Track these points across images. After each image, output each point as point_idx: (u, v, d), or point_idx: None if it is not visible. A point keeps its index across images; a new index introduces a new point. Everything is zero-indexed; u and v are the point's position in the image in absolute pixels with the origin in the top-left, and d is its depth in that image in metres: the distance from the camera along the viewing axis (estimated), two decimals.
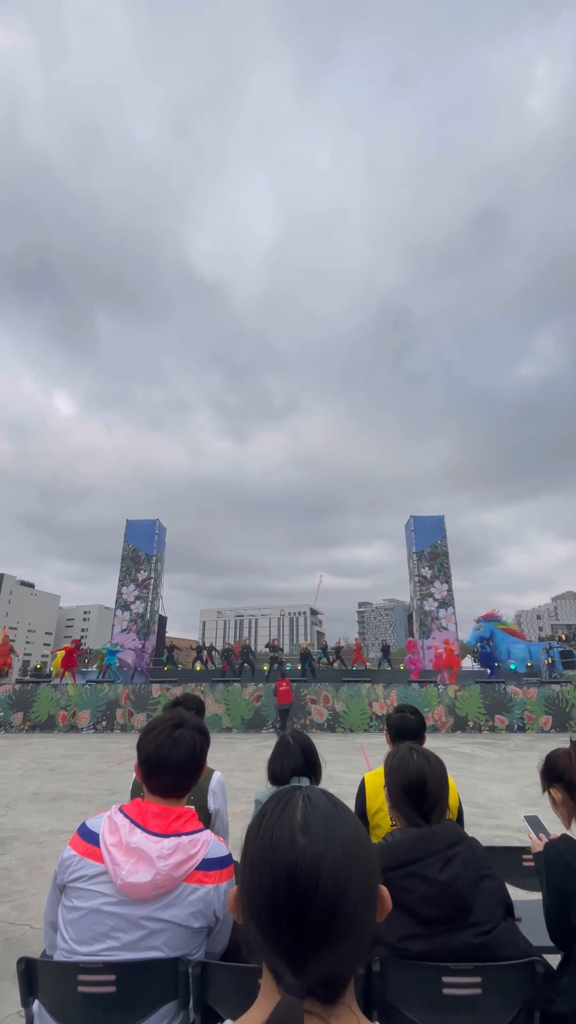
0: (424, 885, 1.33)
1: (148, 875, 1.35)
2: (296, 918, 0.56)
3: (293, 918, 0.56)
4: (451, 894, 1.32)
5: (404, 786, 1.57)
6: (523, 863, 2.33)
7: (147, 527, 25.86)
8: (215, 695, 15.19)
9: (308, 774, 2.20)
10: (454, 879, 1.33)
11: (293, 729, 2.38)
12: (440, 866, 1.35)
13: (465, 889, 1.33)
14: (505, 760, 9.90)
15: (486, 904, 1.33)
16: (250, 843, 0.64)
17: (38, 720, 15.01)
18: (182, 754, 1.59)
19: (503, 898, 1.38)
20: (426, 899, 1.31)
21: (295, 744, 2.24)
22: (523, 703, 14.48)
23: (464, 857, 1.38)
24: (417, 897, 1.31)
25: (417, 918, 1.32)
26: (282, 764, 2.18)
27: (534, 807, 6.31)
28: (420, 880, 1.34)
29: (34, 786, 7.71)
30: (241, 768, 8.80)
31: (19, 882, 4.20)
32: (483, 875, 1.38)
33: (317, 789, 0.68)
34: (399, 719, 2.51)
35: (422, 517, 25.21)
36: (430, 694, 14.77)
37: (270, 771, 2.22)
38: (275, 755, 2.24)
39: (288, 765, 2.17)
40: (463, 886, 1.33)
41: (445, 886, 1.32)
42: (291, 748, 2.22)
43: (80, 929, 1.36)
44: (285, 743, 2.26)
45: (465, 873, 1.34)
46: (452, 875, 1.34)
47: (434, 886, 1.32)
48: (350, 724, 14.66)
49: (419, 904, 1.31)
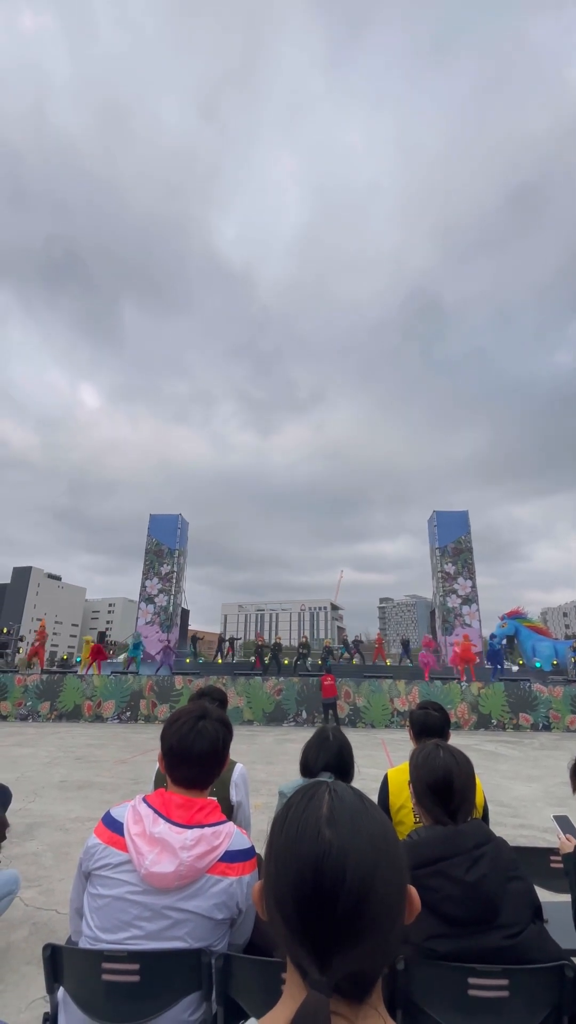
0: (450, 885, 1.30)
1: (171, 865, 1.35)
2: (322, 911, 0.55)
3: (319, 911, 0.55)
4: (478, 895, 1.29)
5: (430, 783, 1.54)
6: (551, 864, 2.28)
7: (170, 521, 26.12)
8: (236, 688, 15.29)
9: (339, 772, 2.17)
10: (481, 880, 1.30)
11: (335, 726, 2.36)
12: (467, 866, 1.32)
13: (492, 890, 1.29)
14: (530, 759, 9.74)
15: (514, 906, 1.30)
16: (275, 836, 0.63)
17: (64, 710, 15.33)
18: (205, 746, 1.59)
19: (532, 900, 1.35)
20: (452, 899, 1.29)
21: (334, 741, 2.21)
22: (548, 701, 14.23)
23: (491, 858, 1.35)
24: (443, 897, 1.29)
25: (443, 918, 1.29)
26: (316, 756, 2.16)
27: (561, 807, 6.19)
28: (446, 880, 1.31)
29: (61, 774, 7.88)
30: (263, 761, 8.85)
31: (46, 867, 4.29)
32: (511, 876, 1.34)
33: (343, 784, 0.67)
34: (422, 715, 2.47)
35: (445, 512, 24.89)
36: (453, 691, 14.62)
37: (303, 759, 2.20)
38: (312, 745, 2.21)
39: (322, 758, 2.15)
40: (490, 887, 1.30)
41: (472, 887, 1.29)
42: (329, 743, 2.20)
43: (105, 916, 1.38)
44: (324, 736, 2.23)
45: (492, 874, 1.31)
46: (479, 876, 1.31)
47: (460, 886, 1.30)
48: (371, 720, 14.62)
49: (445, 904, 1.29)
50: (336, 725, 2.36)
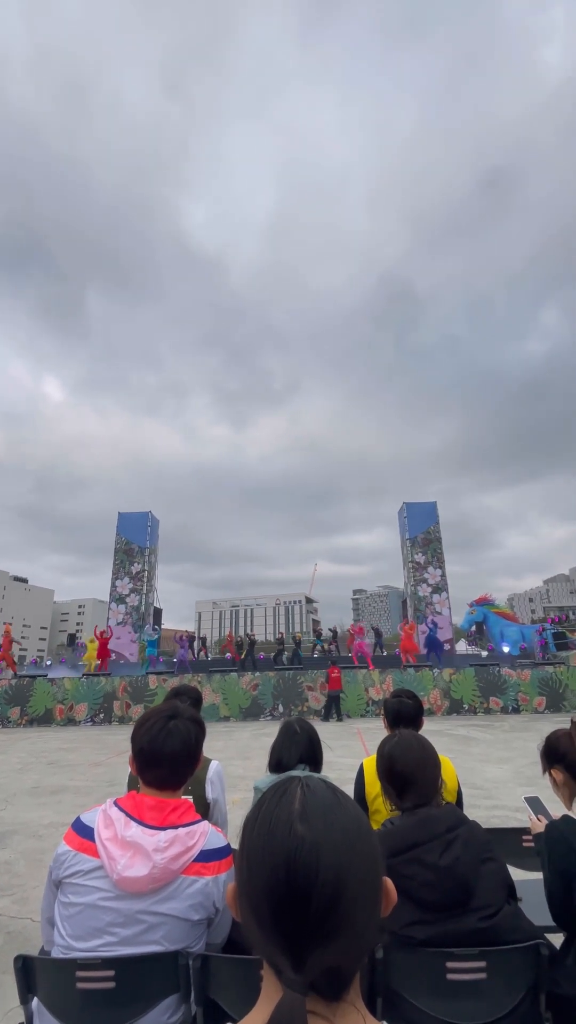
0: (425, 871, 1.31)
1: (145, 869, 1.32)
2: (296, 908, 0.53)
3: (293, 908, 0.53)
4: (452, 878, 1.30)
5: (379, 770, 1.67)
6: (523, 844, 2.33)
7: (139, 519, 25.74)
8: (212, 685, 15.22)
9: (312, 762, 2.17)
10: (455, 863, 1.32)
11: (298, 717, 2.35)
12: (440, 851, 1.34)
13: (466, 873, 1.31)
14: (500, 741, 10.00)
15: (488, 887, 1.32)
16: (247, 833, 0.61)
17: (35, 714, 14.98)
18: (176, 745, 1.55)
19: (505, 880, 1.38)
20: (427, 885, 1.30)
21: (302, 733, 2.20)
22: (517, 685, 14.62)
23: (464, 840, 1.37)
24: (418, 884, 1.30)
25: (419, 904, 1.30)
26: (289, 752, 2.15)
27: (530, 787, 6.37)
28: (420, 866, 1.32)
29: (33, 780, 7.70)
30: (240, 756, 8.83)
31: (19, 875, 4.19)
32: (485, 858, 1.37)
33: (316, 777, 0.65)
34: (396, 704, 2.49)
35: (415, 503, 25.26)
36: (425, 678, 14.87)
37: (276, 758, 2.18)
38: (282, 742, 2.20)
39: (295, 753, 2.14)
40: (464, 870, 1.32)
41: (446, 871, 1.31)
42: (298, 737, 2.19)
43: (77, 925, 1.34)
44: (292, 731, 2.22)
45: (465, 856, 1.33)
46: (453, 859, 1.33)
47: (435, 871, 1.31)
48: (347, 709, 14.75)
49: (421, 890, 1.30)
50: (299, 718, 2.35)
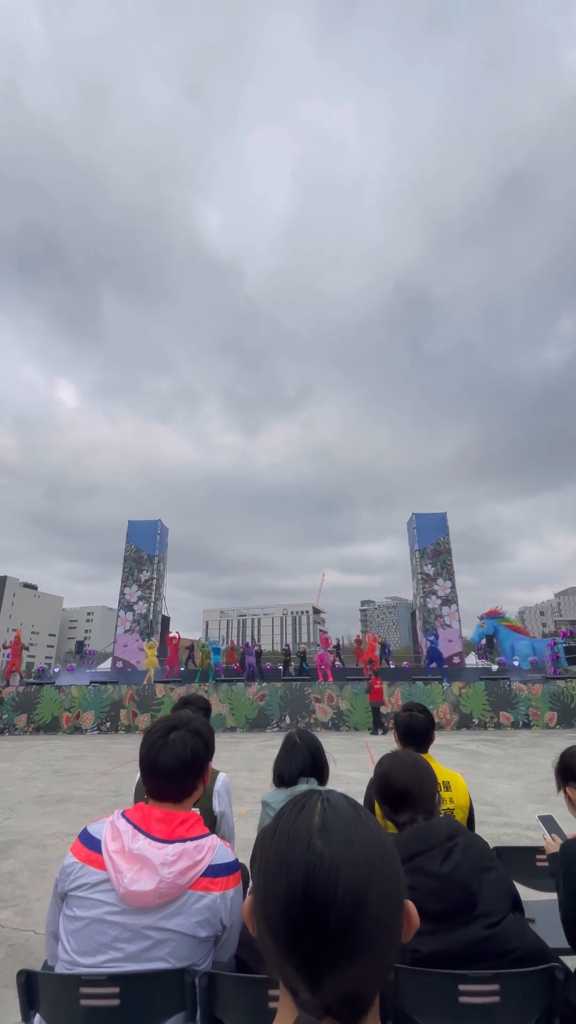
0: (427, 879, 1.32)
1: (152, 883, 1.30)
2: (313, 926, 0.51)
3: (310, 926, 0.51)
4: (454, 884, 1.31)
5: (377, 789, 1.69)
6: (536, 863, 2.28)
7: (149, 527, 25.82)
8: (219, 695, 15.15)
9: (315, 775, 2.14)
10: (455, 869, 1.33)
11: (299, 729, 2.33)
12: (441, 858, 1.35)
13: (467, 878, 1.32)
14: (511, 757, 9.85)
15: (491, 894, 1.32)
16: (265, 848, 0.59)
17: (42, 722, 14.99)
18: (169, 759, 1.53)
19: (508, 889, 1.37)
20: (431, 893, 1.29)
21: (302, 744, 2.19)
22: (528, 699, 14.42)
23: (464, 848, 1.38)
24: (422, 893, 1.29)
25: (424, 914, 1.27)
26: (290, 766, 2.13)
27: (542, 804, 6.26)
28: (423, 875, 1.33)
29: (39, 788, 7.68)
30: (246, 768, 8.76)
31: (23, 887, 4.15)
32: (486, 867, 1.37)
33: (337, 792, 0.63)
34: (407, 718, 2.45)
35: (424, 514, 25.13)
36: (434, 691, 14.71)
37: (277, 773, 2.16)
38: (282, 756, 2.19)
39: (296, 766, 2.12)
40: (466, 875, 1.32)
41: (447, 878, 1.32)
42: (298, 748, 2.17)
43: (82, 939, 1.32)
44: (292, 743, 2.20)
45: (466, 863, 1.34)
46: (453, 865, 1.34)
47: (436, 879, 1.32)
48: (355, 722, 14.62)
49: (425, 900, 1.27)
50: (300, 729, 2.34)
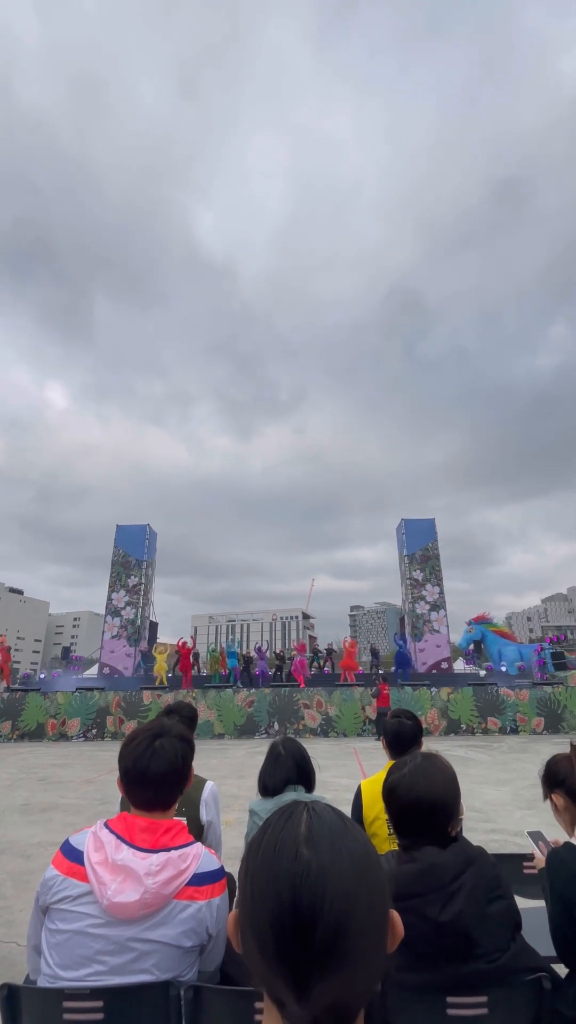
0: (422, 924, 1.22)
1: (136, 894, 1.28)
2: (301, 934, 0.51)
3: (297, 934, 0.51)
4: (452, 934, 1.21)
5: (386, 802, 1.48)
6: (524, 871, 2.27)
7: (138, 532, 25.67)
8: (207, 701, 15.05)
9: (301, 783, 2.13)
10: (456, 917, 1.22)
11: (284, 737, 2.32)
12: (441, 904, 1.24)
13: (468, 927, 1.22)
14: (499, 763, 9.87)
15: (493, 931, 1.24)
16: (251, 858, 0.59)
17: (27, 729, 14.78)
18: (162, 766, 1.51)
19: (512, 919, 1.29)
20: (423, 937, 1.22)
21: (286, 754, 2.17)
22: (515, 705, 14.48)
23: (469, 889, 1.26)
24: (415, 934, 1.21)
25: (415, 953, 1.23)
26: (275, 776, 2.12)
27: (529, 810, 6.28)
28: (418, 918, 1.23)
29: (23, 797, 7.56)
30: (234, 775, 8.69)
31: (6, 897, 4.08)
32: (492, 898, 1.27)
33: (323, 803, 0.63)
34: (395, 724, 2.44)
35: (413, 520, 25.26)
36: (423, 697, 14.73)
37: (262, 783, 2.15)
38: (267, 767, 2.17)
39: (281, 776, 2.11)
40: (466, 924, 1.22)
41: (447, 926, 1.22)
42: (283, 758, 2.16)
43: (64, 953, 1.29)
44: (276, 753, 2.19)
45: (468, 908, 1.23)
46: (454, 913, 1.22)
47: (433, 926, 1.22)
48: (343, 728, 14.58)
49: (416, 941, 1.22)
50: (285, 738, 2.31)
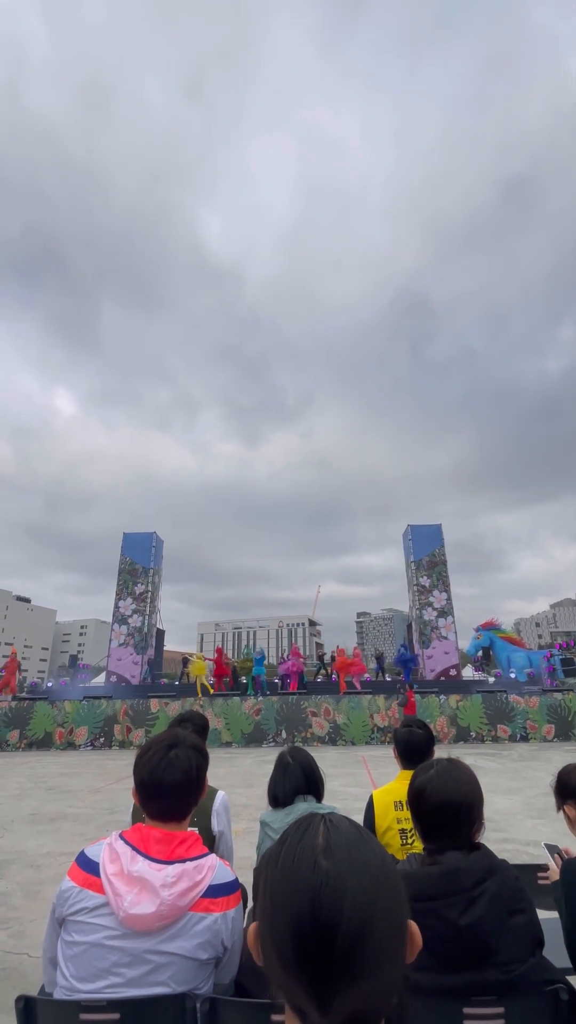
0: (441, 926, 1.22)
1: (152, 906, 1.29)
2: (321, 945, 0.51)
3: (318, 945, 0.52)
4: (472, 939, 1.21)
5: (411, 805, 1.49)
6: (538, 881, 2.25)
7: (144, 540, 25.73)
8: (215, 709, 15.02)
9: (310, 792, 2.13)
10: (477, 922, 1.22)
11: (292, 746, 2.32)
12: (462, 908, 1.24)
13: (488, 933, 1.22)
14: (509, 771, 9.78)
15: (513, 943, 1.23)
16: (269, 870, 0.59)
17: (35, 738, 14.79)
18: (178, 776, 1.51)
19: (533, 934, 1.28)
20: (442, 939, 1.22)
21: (295, 764, 2.17)
22: (525, 712, 14.36)
23: (491, 896, 1.26)
24: (433, 936, 1.20)
25: (431, 953, 1.23)
26: (284, 787, 2.12)
27: (541, 819, 6.21)
28: (437, 919, 1.23)
29: (31, 806, 7.56)
30: (242, 784, 8.66)
31: (16, 908, 4.07)
32: (514, 910, 1.27)
33: (339, 815, 0.64)
34: (406, 733, 2.43)
35: (419, 526, 25.18)
36: (432, 704, 14.63)
37: (272, 794, 2.15)
38: (275, 777, 2.17)
39: (290, 787, 2.11)
40: (487, 929, 1.22)
41: (466, 930, 1.22)
42: (291, 768, 2.15)
43: (81, 965, 1.29)
44: (284, 763, 2.19)
45: (490, 915, 1.23)
46: (475, 918, 1.22)
47: (452, 929, 1.22)
48: (351, 737, 14.50)
49: (434, 942, 1.21)
50: (293, 747, 2.31)
